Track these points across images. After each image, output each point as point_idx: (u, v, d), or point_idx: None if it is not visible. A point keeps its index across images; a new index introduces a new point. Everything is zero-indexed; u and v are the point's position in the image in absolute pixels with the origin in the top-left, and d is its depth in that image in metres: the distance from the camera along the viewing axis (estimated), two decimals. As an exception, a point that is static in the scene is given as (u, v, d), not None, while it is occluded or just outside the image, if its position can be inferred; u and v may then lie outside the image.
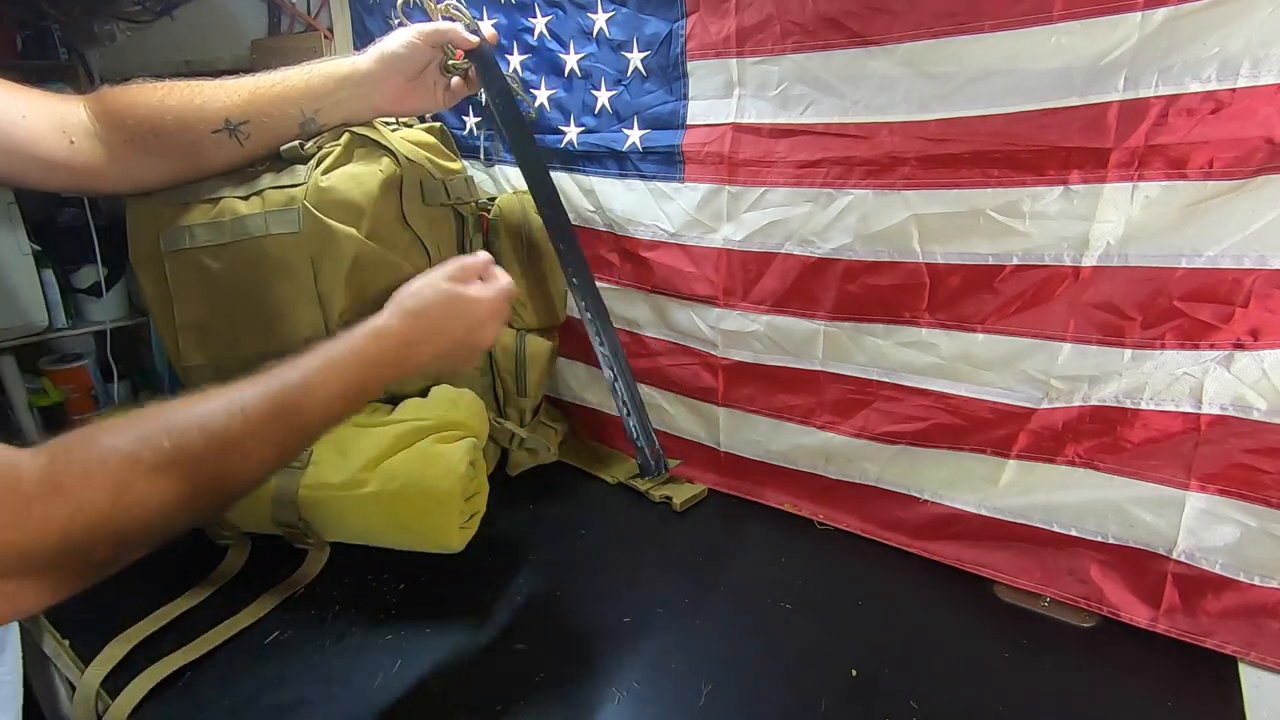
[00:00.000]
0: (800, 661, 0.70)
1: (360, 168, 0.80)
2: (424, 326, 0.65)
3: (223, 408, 0.52)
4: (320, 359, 0.59)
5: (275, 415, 0.54)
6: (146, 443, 0.47)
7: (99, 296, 1.11)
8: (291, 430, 0.55)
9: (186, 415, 0.51)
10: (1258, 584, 0.67)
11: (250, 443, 0.53)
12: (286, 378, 0.56)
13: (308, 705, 0.65)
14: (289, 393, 0.55)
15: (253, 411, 0.53)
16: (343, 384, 0.59)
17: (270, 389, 0.55)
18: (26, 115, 0.68)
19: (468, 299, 0.68)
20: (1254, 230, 0.63)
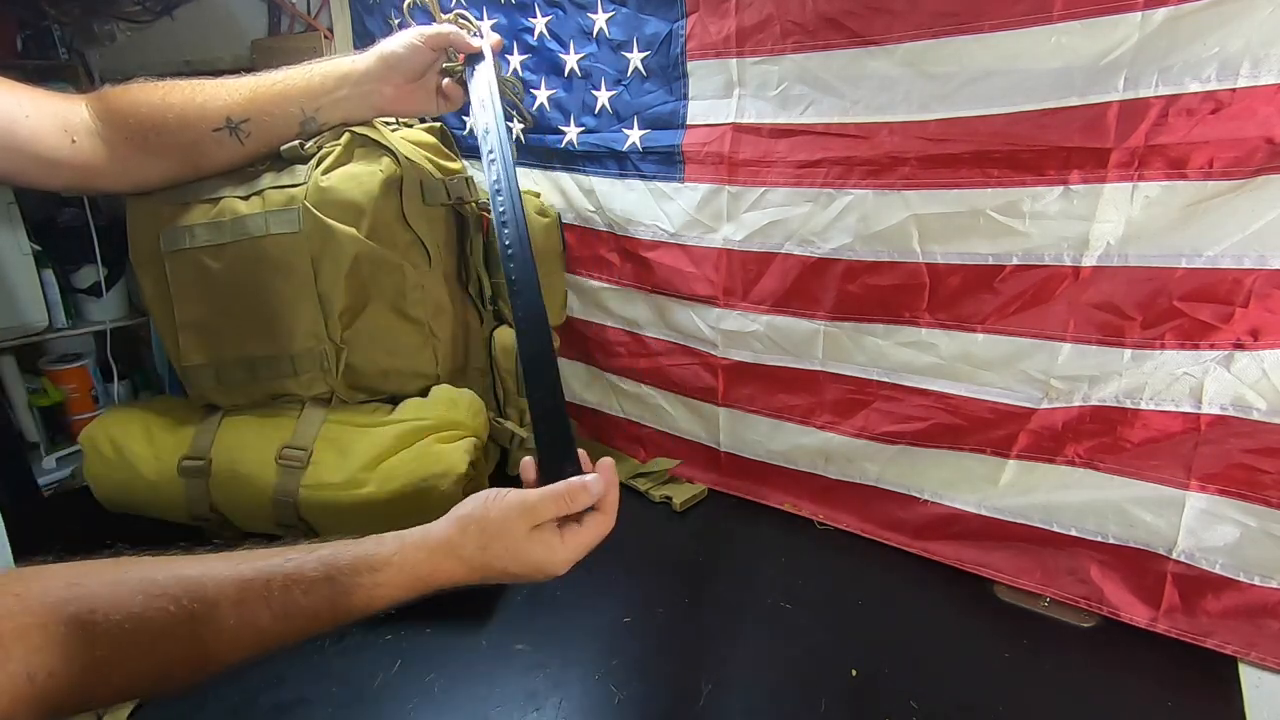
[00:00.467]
0: (800, 661, 0.70)
1: (360, 167, 0.80)
2: (473, 564, 0.54)
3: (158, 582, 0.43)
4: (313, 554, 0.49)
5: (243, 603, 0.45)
6: (63, 603, 0.39)
7: (99, 296, 1.11)
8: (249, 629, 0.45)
9: (129, 575, 0.42)
10: (1258, 584, 0.67)
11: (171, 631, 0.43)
12: (269, 558, 0.47)
13: (308, 705, 0.65)
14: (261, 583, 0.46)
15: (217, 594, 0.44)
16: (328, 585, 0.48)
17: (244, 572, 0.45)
18: (29, 114, 0.68)
19: (538, 550, 0.55)
20: (1254, 230, 0.63)
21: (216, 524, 0.82)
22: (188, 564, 0.46)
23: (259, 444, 0.79)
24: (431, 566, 0.52)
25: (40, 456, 1.10)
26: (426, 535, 0.54)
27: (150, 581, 0.43)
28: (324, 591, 0.48)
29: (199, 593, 0.44)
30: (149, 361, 1.24)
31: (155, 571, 0.44)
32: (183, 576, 0.44)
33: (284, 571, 0.47)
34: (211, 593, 0.44)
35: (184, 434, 0.82)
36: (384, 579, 0.50)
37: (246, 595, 0.45)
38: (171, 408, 0.86)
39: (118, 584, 0.42)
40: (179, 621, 0.43)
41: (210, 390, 0.82)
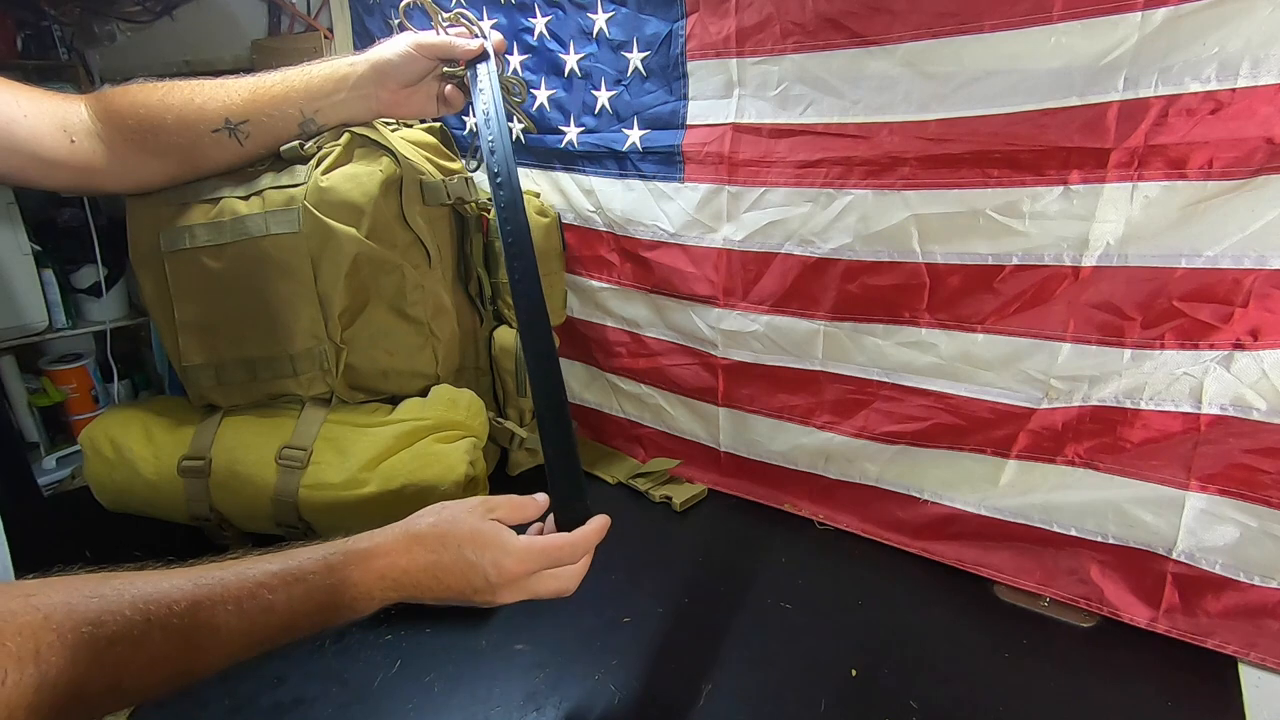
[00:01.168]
0: (800, 661, 0.70)
1: (360, 168, 0.79)
2: (435, 574, 0.55)
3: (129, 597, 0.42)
4: (288, 565, 0.49)
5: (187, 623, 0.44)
6: (27, 619, 0.39)
7: (99, 296, 1.11)
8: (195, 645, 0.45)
9: (129, 587, 0.43)
10: (1258, 584, 0.67)
11: (140, 653, 0.42)
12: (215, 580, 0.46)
13: (308, 705, 0.65)
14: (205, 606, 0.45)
15: (163, 611, 0.43)
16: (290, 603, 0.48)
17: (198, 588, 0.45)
18: (28, 114, 0.68)
19: (491, 588, 0.56)
20: (1254, 230, 0.63)
21: (216, 524, 0.82)
22: (183, 576, 0.46)
23: (259, 444, 0.79)
24: (405, 561, 0.54)
25: (40, 456, 1.10)
26: (389, 530, 0.56)
27: (148, 599, 0.43)
28: (301, 601, 0.49)
29: (194, 609, 0.44)
30: (149, 361, 1.24)
31: (150, 586, 0.44)
32: (183, 592, 0.44)
33: (261, 582, 0.48)
34: (205, 611, 0.45)
35: (184, 434, 0.82)
36: (357, 574, 0.52)
37: (244, 604, 0.46)
38: (171, 408, 0.86)
39: (120, 598, 0.42)
40: (177, 634, 0.43)
41: (210, 390, 0.82)
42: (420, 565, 0.54)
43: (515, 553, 0.56)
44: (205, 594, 0.45)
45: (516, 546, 0.57)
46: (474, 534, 0.56)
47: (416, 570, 0.54)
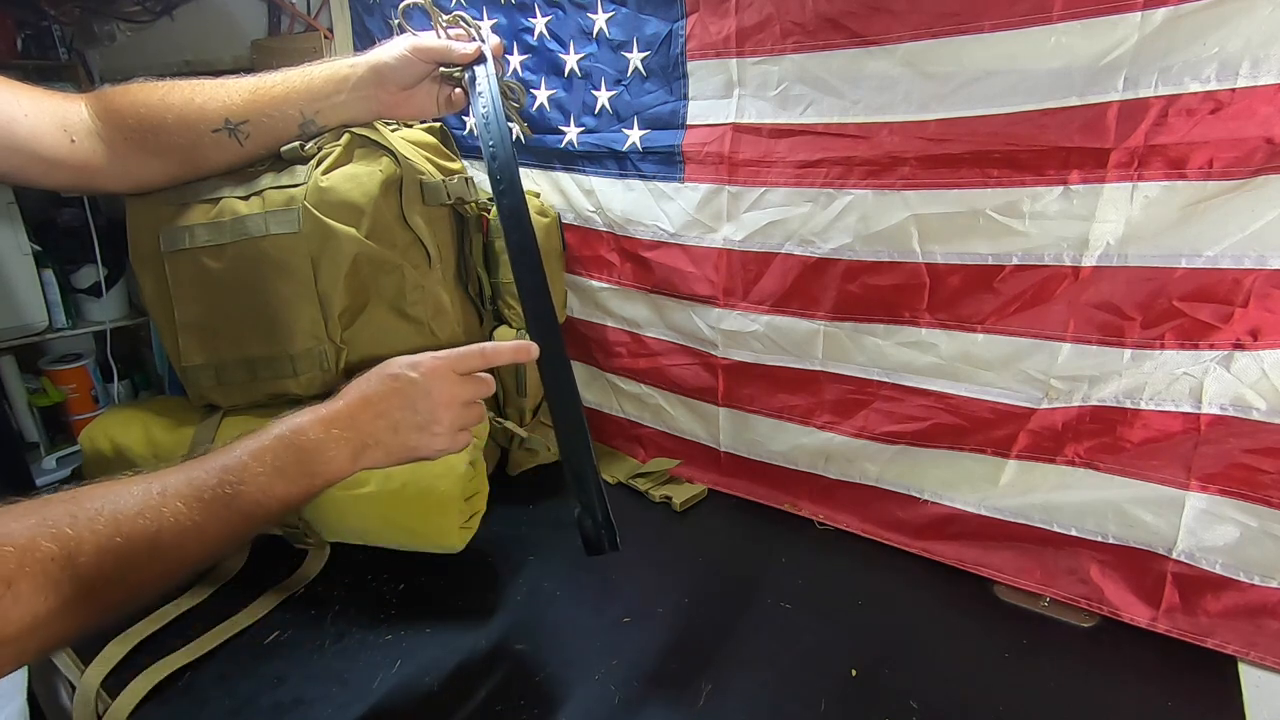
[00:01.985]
0: (800, 661, 0.70)
1: (360, 168, 0.79)
2: (373, 406, 0.61)
3: (148, 491, 0.48)
4: (253, 441, 0.55)
5: (202, 502, 0.50)
6: (48, 533, 0.43)
7: (99, 296, 1.11)
8: (221, 519, 0.51)
9: (98, 504, 0.46)
10: (1258, 584, 0.67)
11: (170, 536, 0.48)
12: (213, 462, 0.53)
13: (308, 705, 0.65)
14: (220, 476, 0.51)
15: (175, 497, 0.49)
16: (278, 463, 0.55)
17: (196, 475, 0.51)
18: (28, 113, 0.68)
19: (421, 389, 0.62)
20: (1254, 230, 0.63)
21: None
22: (142, 485, 0.50)
23: (259, 444, 0.79)
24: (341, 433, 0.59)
25: (40, 456, 1.10)
26: (331, 408, 0.60)
27: (117, 517, 0.47)
28: (286, 467, 0.55)
29: (163, 508, 0.49)
30: (149, 361, 1.24)
31: (120, 502, 0.48)
32: (145, 504, 0.48)
33: (245, 464, 0.54)
34: (169, 515, 0.49)
35: (184, 434, 0.82)
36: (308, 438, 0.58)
37: (207, 503, 0.51)
38: (171, 408, 0.86)
39: (95, 522, 0.46)
40: (147, 548, 0.47)
41: (210, 390, 0.82)
42: (358, 402, 0.61)
43: (427, 357, 0.64)
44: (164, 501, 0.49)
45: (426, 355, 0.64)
46: (409, 369, 0.63)
47: (357, 409, 0.60)
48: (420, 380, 0.62)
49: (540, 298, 0.69)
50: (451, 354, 0.64)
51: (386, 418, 0.61)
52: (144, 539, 0.47)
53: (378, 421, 0.61)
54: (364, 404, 0.61)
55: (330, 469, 0.58)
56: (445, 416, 0.63)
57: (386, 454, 0.61)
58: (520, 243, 0.70)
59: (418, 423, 0.62)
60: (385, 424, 0.61)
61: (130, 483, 0.50)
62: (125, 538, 0.46)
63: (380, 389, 0.62)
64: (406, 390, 0.62)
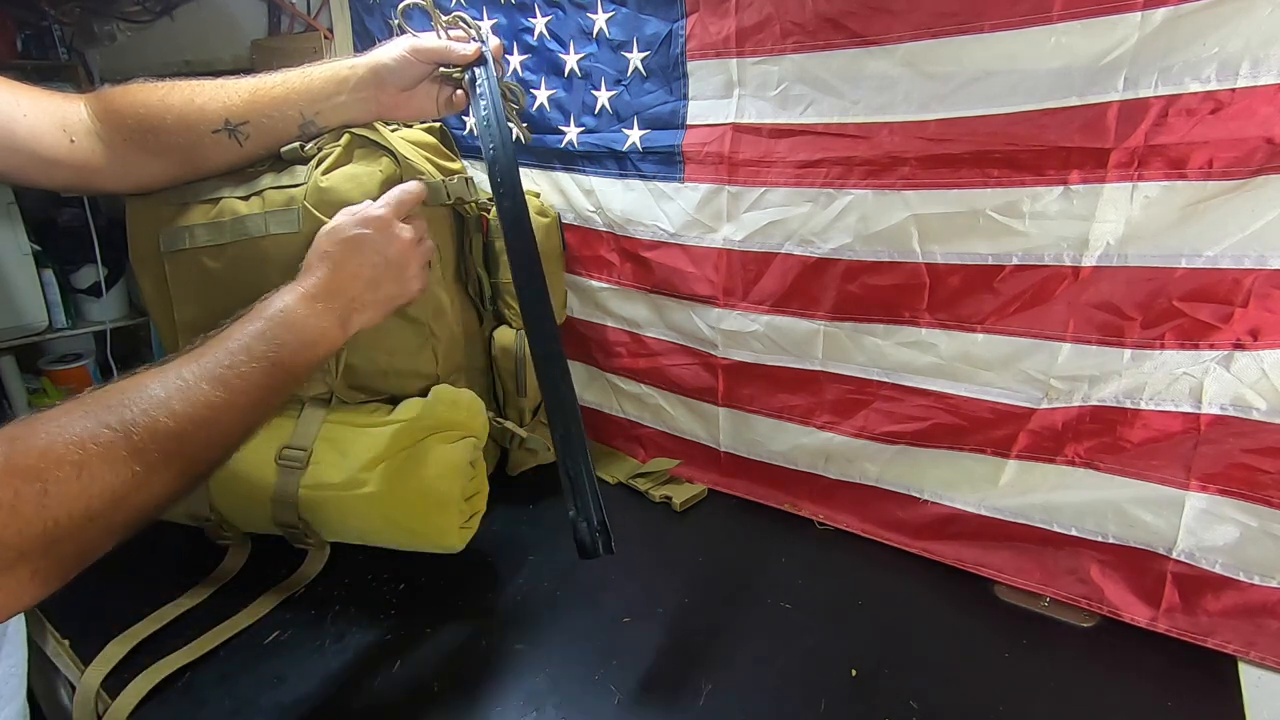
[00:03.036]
0: (800, 661, 0.70)
1: (360, 168, 0.79)
2: (347, 270, 0.66)
3: (174, 379, 0.52)
4: (249, 324, 0.59)
5: (224, 381, 0.55)
6: (102, 420, 0.47)
7: (99, 296, 1.11)
8: (244, 392, 0.56)
9: (140, 391, 0.50)
10: (1258, 583, 0.68)
11: (207, 412, 0.53)
12: (220, 347, 0.57)
13: (308, 705, 0.65)
14: (232, 358, 0.56)
15: (201, 380, 0.53)
16: (278, 341, 0.59)
17: (208, 361, 0.55)
18: (27, 113, 0.68)
19: (382, 240, 0.68)
20: (1254, 230, 0.63)
21: (216, 524, 0.82)
22: (168, 376, 0.53)
23: (258, 444, 0.79)
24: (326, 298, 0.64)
25: (40, 457, 1.10)
26: (309, 281, 0.65)
27: (157, 401, 0.51)
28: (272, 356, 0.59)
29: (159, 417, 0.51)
30: (149, 361, 1.24)
31: (154, 391, 0.51)
32: (177, 389, 0.52)
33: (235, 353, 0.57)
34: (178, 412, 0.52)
35: (184, 434, 0.81)
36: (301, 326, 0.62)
37: (229, 381, 0.55)
38: (171, 408, 0.86)
39: (140, 407, 0.50)
40: (192, 425, 0.52)
41: (210, 390, 0.82)
42: (331, 272, 0.65)
43: (369, 209, 0.69)
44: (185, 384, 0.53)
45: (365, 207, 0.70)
46: (362, 227, 0.69)
47: (334, 278, 0.65)
48: (376, 234, 0.68)
49: (539, 303, 0.70)
50: (389, 199, 0.71)
51: (361, 278, 0.66)
52: (187, 417, 0.51)
53: (355, 283, 0.66)
54: (337, 270, 0.66)
55: (326, 340, 0.63)
56: (411, 258, 0.70)
57: (374, 311, 0.68)
58: (520, 247, 0.70)
59: (391, 274, 0.68)
60: (363, 284, 0.66)
61: (153, 375, 0.53)
62: (171, 417, 0.50)
63: (347, 252, 0.67)
64: (370, 244, 0.67)
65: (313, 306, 0.63)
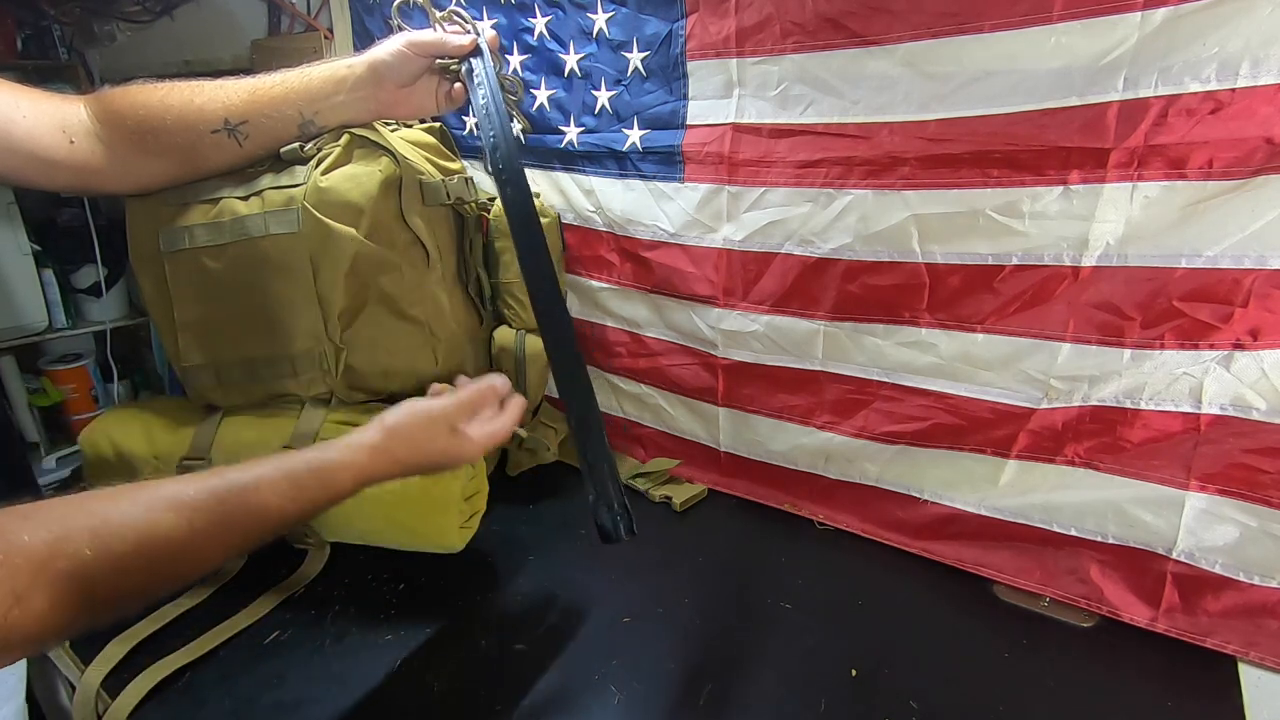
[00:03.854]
0: (800, 661, 0.70)
1: (359, 168, 0.79)
2: (398, 446, 0.64)
3: (161, 502, 0.49)
4: (276, 463, 0.57)
5: (221, 513, 0.52)
6: (63, 544, 0.43)
7: (99, 296, 1.11)
8: (235, 531, 0.53)
9: (115, 511, 0.47)
10: (1257, 583, 0.67)
11: (184, 547, 0.49)
12: (234, 477, 0.54)
13: (308, 705, 0.65)
14: (236, 491, 0.53)
15: (195, 506, 0.50)
16: (295, 489, 0.57)
17: (216, 485, 0.52)
18: (27, 114, 0.69)
19: (453, 449, 0.67)
20: (1254, 230, 0.63)
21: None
22: (161, 491, 0.50)
23: (259, 444, 0.79)
24: (373, 469, 0.62)
25: (40, 456, 1.10)
26: (363, 442, 0.63)
27: (132, 524, 0.47)
28: (290, 494, 0.57)
29: (183, 522, 0.49)
30: (149, 361, 1.24)
31: (134, 508, 0.48)
32: (175, 498, 0.50)
33: (273, 477, 0.56)
34: (199, 523, 0.50)
35: (184, 434, 0.82)
36: (343, 479, 0.60)
37: (228, 513, 0.52)
38: (171, 408, 0.86)
39: (115, 536, 0.46)
40: (162, 557, 0.48)
41: (210, 390, 0.82)
42: (397, 475, 0.65)
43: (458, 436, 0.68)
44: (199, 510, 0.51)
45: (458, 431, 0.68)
46: (442, 454, 0.67)
47: (394, 476, 0.64)
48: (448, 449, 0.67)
49: (548, 286, 0.70)
50: (466, 401, 0.70)
51: (413, 464, 0.66)
52: (164, 553, 0.48)
53: (404, 466, 0.65)
54: (401, 472, 0.65)
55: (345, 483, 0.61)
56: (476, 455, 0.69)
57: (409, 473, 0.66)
58: (527, 238, 0.70)
59: (448, 464, 0.68)
60: (414, 465, 0.66)
61: (146, 490, 0.50)
62: (146, 557, 0.47)
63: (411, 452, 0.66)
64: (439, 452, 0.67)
65: (354, 459, 0.62)
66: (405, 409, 0.67)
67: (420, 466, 0.66)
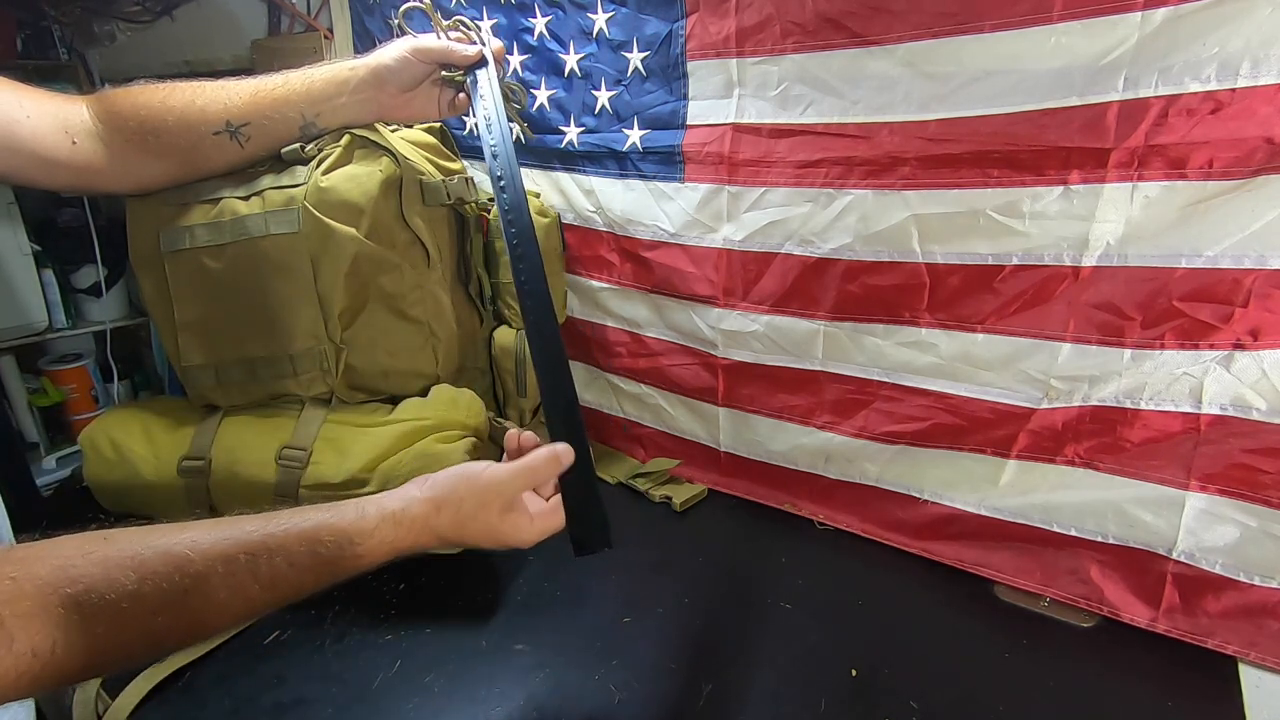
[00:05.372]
0: (800, 661, 0.70)
1: (360, 168, 0.80)
2: (442, 520, 0.57)
3: (176, 549, 0.45)
4: (300, 527, 0.51)
5: (226, 576, 0.46)
6: (60, 584, 0.40)
7: (99, 296, 1.11)
8: (238, 598, 0.47)
9: (120, 552, 0.43)
10: (1258, 584, 0.67)
11: (197, 599, 0.45)
12: (247, 536, 0.49)
13: (308, 705, 0.65)
14: (255, 545, 0.48)
15: (217, 559, 0.46)
16: (313, 558, 0.51)
17: (226, 548, 0.47)
18: (30, 114, 0.69)
19: (507, 530, 0.58)
20: (1254, 230, 0.63)
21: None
22: (174, 536, 0.47)
23: (259, 444, 0.79)
24: (411, 540, 0.56)
25: (40, 456, 1.10)
26: (406, 510, 0.56)
27: (140, 560, 0.44)
28: (308, 563, 0.50)
29: (188, 568, 0.45)
30: (149, 361, 1.24)
31: (143, 547, 0.45)
32: (171, 553, 0.45)
33: (270, 545, 0.49)
34: (200, 567, 0.46)
35: (184, 434, 0.82)
36: (365, 549, 0.53)
37: (234, 568, 0.47)
38: (171, 408, 0.86)
39: (108, 562, 0.43)
40: (171, 597, 0.44)
41: (210, 390, 0.82)
42: (433, 546, 0.58)
43: (512, 515, 0.59)
44: (209, 559, 0.46)
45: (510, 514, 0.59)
46: (489, 532, 0.58)
47: (429, 547, 0.57)
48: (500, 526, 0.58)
49: (540, 301, 0.68)
50: (523, 472, 0.59)
51: (454, 537, 0.58)
52: (172, 606, 0.44)
53: (442, 535, 0.58)
54: (435, 543, 0.57)
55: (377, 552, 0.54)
56: (527, 538, 0.59)
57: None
58: (521, 250, 0.69)
59: (492, 542, 0.59)
60: (455, 536, 0.58)
61: (164, 535, 0.47)
62: (151, 609, 0.44)
63: (456, 539, 0.58)
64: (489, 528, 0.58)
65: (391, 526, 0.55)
66: (457, 475, 0.58)
67: (461, 543, 0.58)
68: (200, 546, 0.46)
